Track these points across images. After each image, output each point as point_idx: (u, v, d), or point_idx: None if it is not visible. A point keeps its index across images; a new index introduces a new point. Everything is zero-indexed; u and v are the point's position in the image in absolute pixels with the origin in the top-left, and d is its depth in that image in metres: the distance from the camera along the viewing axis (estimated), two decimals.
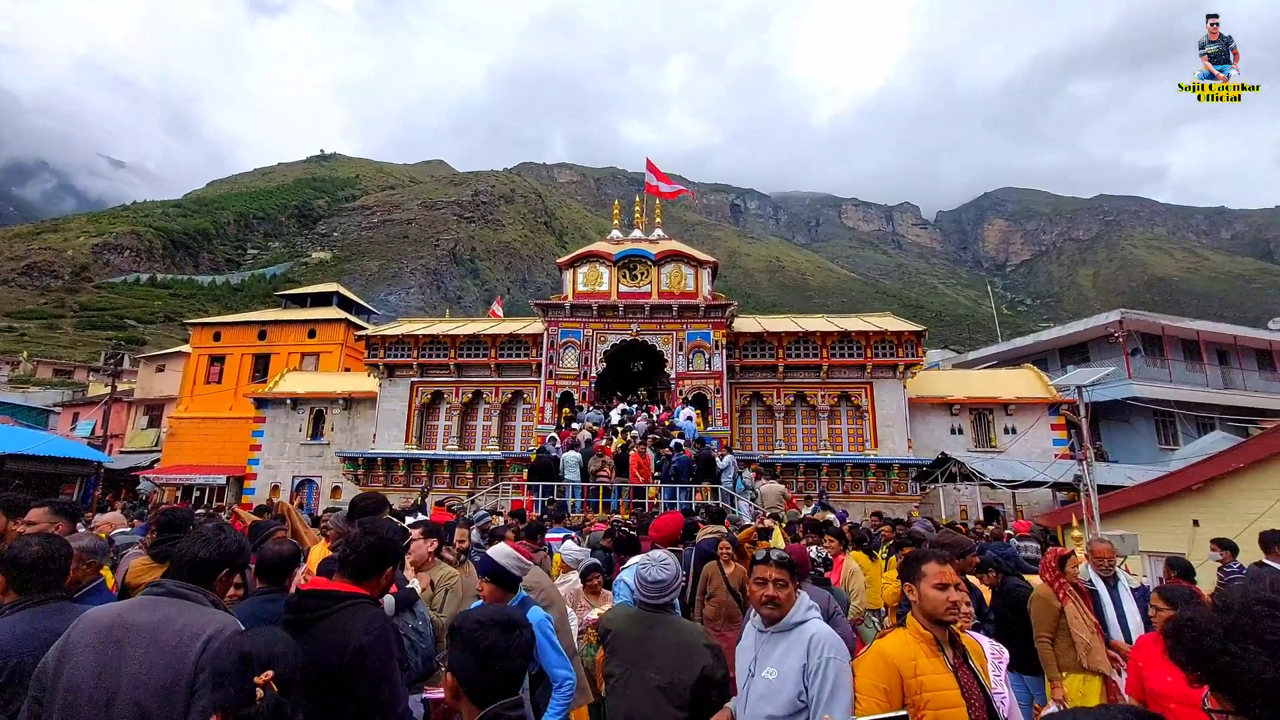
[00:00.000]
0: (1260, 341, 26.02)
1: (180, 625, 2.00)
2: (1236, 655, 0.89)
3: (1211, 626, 0.96)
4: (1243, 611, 0.94)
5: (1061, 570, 4.11)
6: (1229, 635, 0.92)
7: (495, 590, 3.14)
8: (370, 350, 22.69)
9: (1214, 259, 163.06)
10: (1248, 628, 0.91)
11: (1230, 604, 0.98)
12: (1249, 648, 0.89)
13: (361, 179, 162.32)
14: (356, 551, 2.41)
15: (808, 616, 2.58)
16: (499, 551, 3.19)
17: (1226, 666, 0.90)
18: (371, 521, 2.78)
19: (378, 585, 2.46)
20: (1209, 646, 0.94)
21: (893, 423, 20.91)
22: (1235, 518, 10.59)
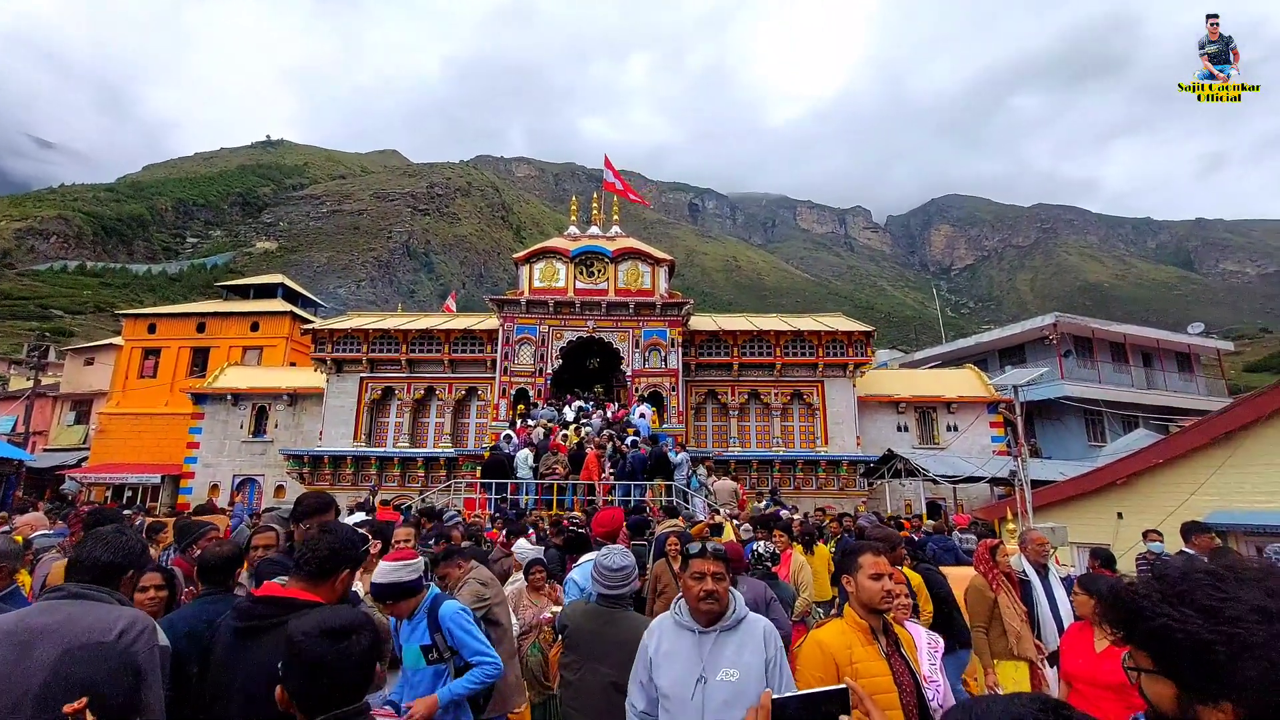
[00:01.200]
0: (1180, 345, 27.74)
1: (88, 623, 1.92)
2: (1174, 617, 0.94)
3: (1150, 591, 1.00)
4: (1182, 579, 0.99)
5: (994, 561, 4.32)
6: (1166, 599, 0.97)
7: (405, 605, 3.03)
8: (317, 345, 21.97)
9: (1140, 267, 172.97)
10: (1186, 594, 0.96)
11: (1169, 574, 1.02)
12: (1185, 611, 0.94)
13: (310, 167, 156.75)
14: (315, 552, 2.31)
15: (746, 610, 2.51)
16: (383, 571, 3.03)
17: (1161, 628, 0.95)
18: (331, 522, 2.70)
19: (333, 590, 2.34)
20: (1146, 608, 0.98)
21: (843, 420, 21.47)
22: (1155, 510, 11.29)
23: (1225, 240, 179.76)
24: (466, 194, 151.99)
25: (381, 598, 3.04)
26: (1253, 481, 10.69)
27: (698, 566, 2.44)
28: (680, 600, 2.51)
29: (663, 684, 2.33)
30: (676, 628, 2.44)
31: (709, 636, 2.38)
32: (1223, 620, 0.90)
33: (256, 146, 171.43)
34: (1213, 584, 0.95)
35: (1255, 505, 10.49)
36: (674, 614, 2.48)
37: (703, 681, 2.29)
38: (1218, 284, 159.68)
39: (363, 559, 2.71)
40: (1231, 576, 0.96)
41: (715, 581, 2.41)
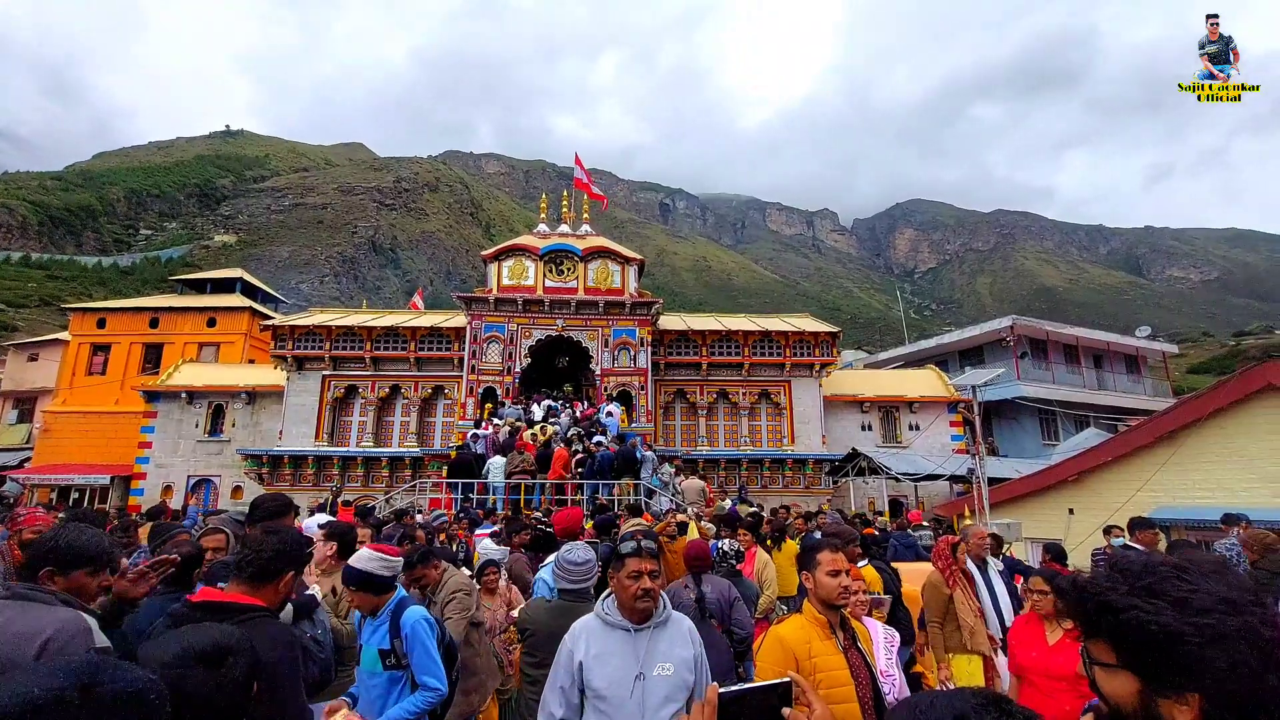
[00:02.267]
0: (1129, 348, 28.89)
1: (17, 629, 1.86)
2: (1145, 609, 0.93)
3: (1115, 584, 0.99)
4: (1146, 573, 0.97)
5: (953, 557, 4.46)
6: (1134, 592, 0.96)
7: (370, 599, 2.98)
8: (278, 341, 21.39)
9: (1093, 272, 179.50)
10: (1154, 586, 0.95)
11: (1130, 567, 1.00)
12: (1156, 602, 0.93)
13: (272, 159, 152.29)
14: (258, 554, 2.24)
15: (671, 608, 2.54)
16: (362, 557, 2.99)
17: (1133, 619, 0.93)
18: (273, 523, 2.64)
19: (276, 593, 2.27)
20: (1115, 600, 0.97)
21: (809, 420, 21.81)
22: (1103, 506, 11.75)
23: (1171, 247, 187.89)
24: (435, 189, 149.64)
25: (350, 582, 3.03)
26: (1194, 478, 11.21)
27: (634, 566, 2.42)
28: (608, 599, 2.49)
29: (598, 685, 2.30)
30: (606, 628, 2.42)
31: (644, 634, 2.39)
32: (1193, 611, 0.90)
33: (215, 136, 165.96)
34: (1177, 575, 0.95)
35: (1196, 501, 10.99)
36: (601, 614, 2.45)
37: (641, 678, 2.30)
38: (1164, 289, 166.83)
39: (307, 560, 2.65)
40: (1193, 569, 0.96)
41: (652, 580, 2.41)
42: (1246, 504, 10.36)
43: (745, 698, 1.16)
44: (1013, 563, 7.53)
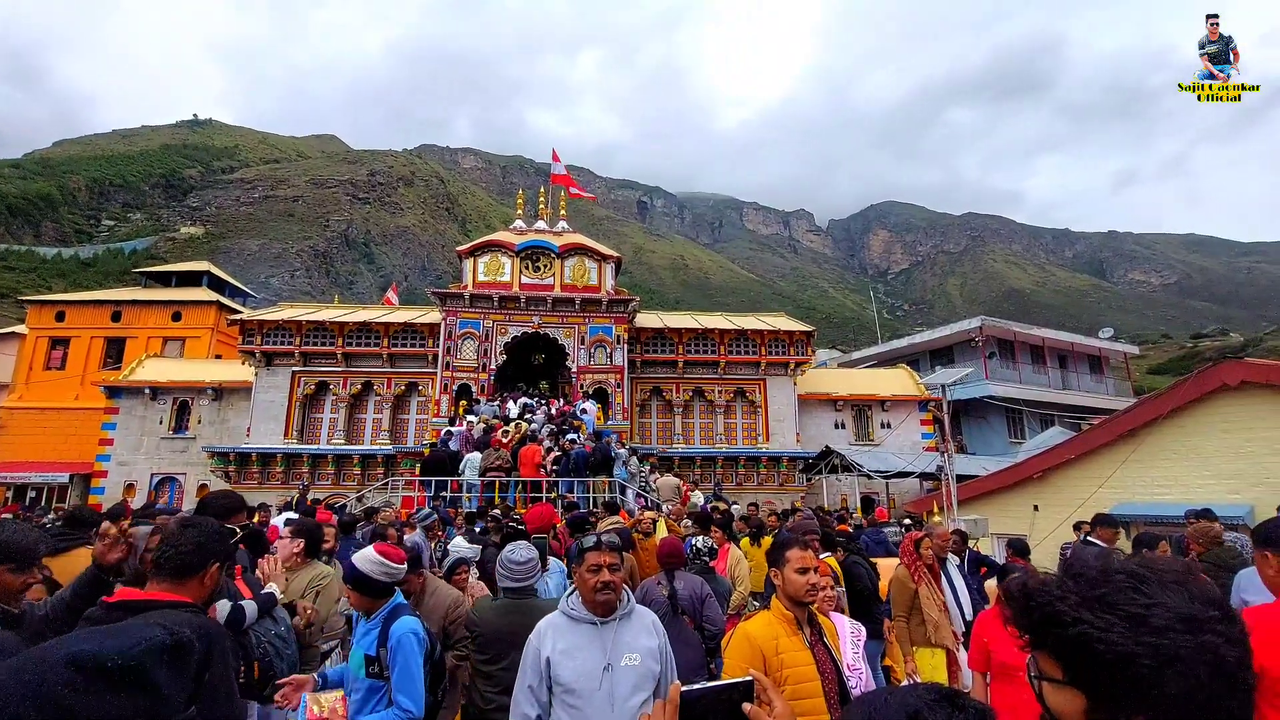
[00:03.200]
0: (1092, 349, 29.71)
1: None
2: (1095, 625, 0.84)
3: (1066, 594, 0.90)
4: (1101, 580, 0.89)
5: (918, 553, 4.55)
6: (1085, 604, 0.87)
7: (367, 600, 2.95)
8: (246, 336, 20.91)
9: (1059, 275, 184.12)
10: (1107, 597, 0.87)
11: (1086, 572, 0.92)
12: (1107, 618, 0.84)
13: (241, 149, 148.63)
14: (176, 547, 2.12)
15: (634, 601, 2.60)
16: (363, 558, 2.98)
17: (1080, 636, 0.85)
18: (194, 516, 2.56)
19: (201, 587, 2.16)
20: (1064, 612, 0.88)
21: (783, 418, 22.02)
22: (1067, 503, 12.08)
23: (1134, 252, 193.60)
24: (410, 183, 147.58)
25: (347, 580, 3.01)
26: (1153, 475, 11.58)
27: (593, 559, 2.48)
28: (572, 595, 2.53)
29: (567, 679, 2.33)
30: (571, 623, 2.47)
31: (609, 626, 2.45)
32: (1148, 630, 0.82)
33: (182, 125, 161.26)
34: (1134, 587, 0.87)
35: (1155, 497, 11.36)
36: (565, 610, 2.50)
37: (609, 670, 2.35)
38: (1126, 292, 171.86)
39: (233, 552, 2.58)
40: (1153, 578, 0.88)
41: (611, 572, 2.46)
42: (1202, 499, 10.74)
43: (708, 696, 1.17)
44: (978, 557, 7.70)
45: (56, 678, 1.04)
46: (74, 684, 1.04)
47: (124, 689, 1.09)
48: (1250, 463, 10.36)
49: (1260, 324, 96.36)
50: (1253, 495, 10.12)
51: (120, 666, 1.09)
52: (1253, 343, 56.60)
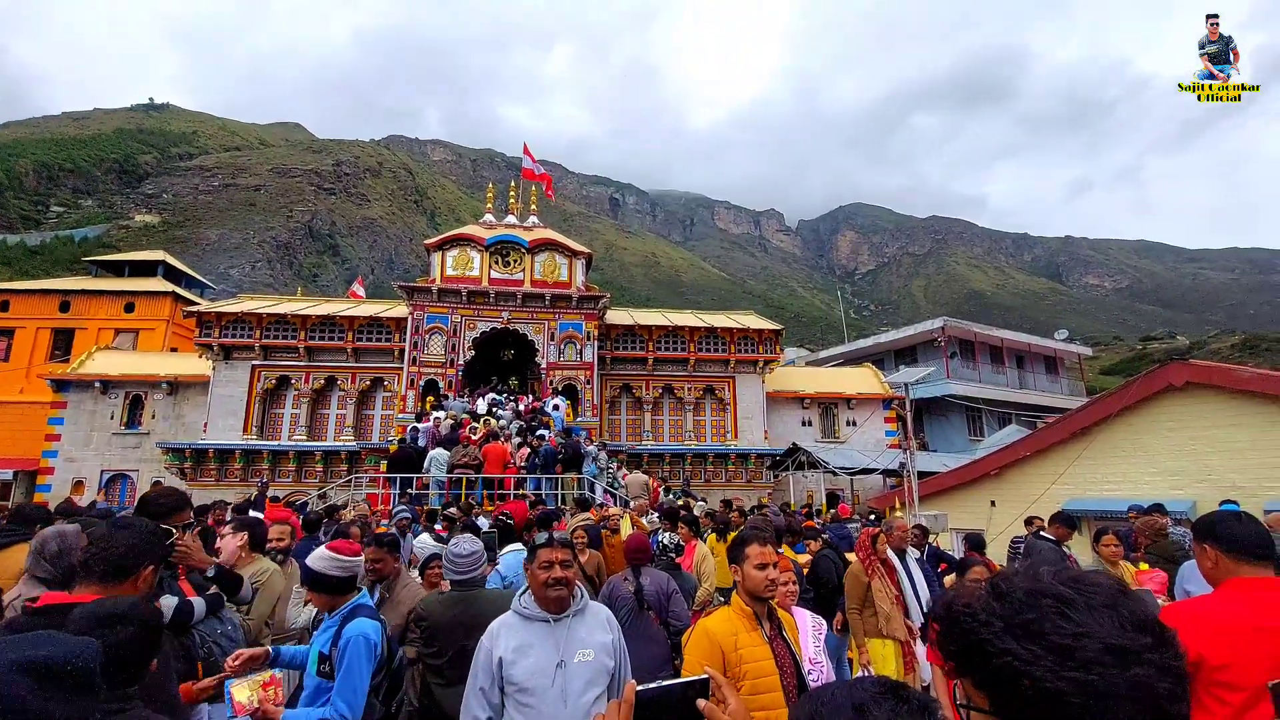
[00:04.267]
0: (1048, 350, 30.71)
1: None
2: (1020, 657, 0.79)
3: (991, 619, 0.84)
4: (1028, 605, 0.83)
5: (873, 548, 4.68)
6: (1010, 632, 0.82)
7: (326, 598, 2.89)
8: (203, 328, 20.26)
9: (1017, 278, 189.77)
10: (1033, 625, 0.81)
11: (1011, 593, 0.86)
12: (1033, 649, 0.79)
13: (200, 135, 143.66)
14: (107, 549, 2.04)
15: (588, 597, 2.62)
16: (317, 556, 2.92)
17: (1005, 668, 0.80)
18: (127, 517, 2.49)
19: (134, 589, 2.08)
20: (989, 641, 0.83)
21: (752, 415, 22.25)
22: (1022, 498, 12.45)
23: (1088, 257, 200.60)
24: (377, 175, 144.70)
25: (304, 582, 2.96)
26: (1103, 472, 12.02)
27: (545, 556, 2.49)
28: (524, 594, 2.54)
29: (519, 678, 2.33)
30: (524, 621, 2.47)
31: (563, 623, 2.46)
32: (1076, 663, 0.77)
33: (138, 109, 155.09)
34: (1061, 613, 0.81)
35: (1105, 493, 11.79)
36: (518, 609, 2.50)
37: (562, 666, 2.36)
38: (1081, 295, 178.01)
39: (168, 553, 2.51)
40: (1081, 601, 0.82)
41: (563, 569, 2.48)
42: (1149, 495, 11.15)
43: (663, 695, 1.17)
44: (937, 552, 7.92)
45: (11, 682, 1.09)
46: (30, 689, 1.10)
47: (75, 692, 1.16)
48: (1193, 460, 10.83)
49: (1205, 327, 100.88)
50: (1195, 491, 10.59)
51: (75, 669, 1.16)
52: (1197, 345, 59.19)
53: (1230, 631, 2.06)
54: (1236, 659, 2.02)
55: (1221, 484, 10.15)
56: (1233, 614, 2.10)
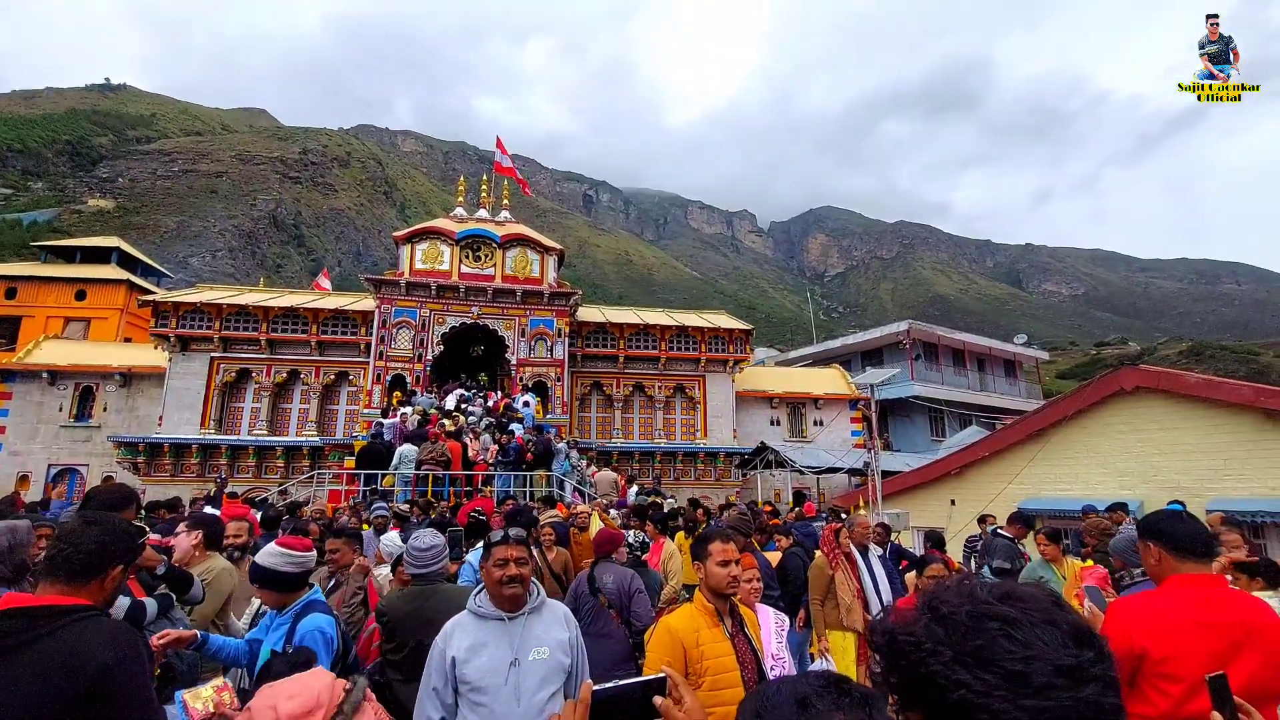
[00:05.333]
0: (1008, 353, 31.60)
1: None
2: (974, 689, 0.75)
3: (938, 648, 0.79)
4: (974, 630, 0.79)
5: (836, 543, 4.79)
6: (960, 661, 0.77)
7: (277, 596, 2.85)
8: (159, 319, 19.57)
9: (980, 283, 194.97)
10: (983, 651, 0.77)
11: (954, 616, 0.82)
12: (987, 679, 0.75)
13: (159, 118, 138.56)
14: (76, 547, 1.95)
15: (544, 595, 2.61)
16: (267, 553, 2.87)
17: (961, 701, 0.75)
18: (96, 512, 2.39)
19: (101, 590, 2.00)
20: (939, 674, 0.78)
21: (721, 414, 22.42)
22: (980, 497, 12.81)
23: (1048, 264, 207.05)
24: (345, 164, 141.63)
25: (255, 580, 2.88)
26: (1057, 472, 12.43)
27: (500, 554, 2.48)
28: (480, 593, 2.52)
29: (472, 676, 2.31)
30: (479, 620, 2.45)
31: (518, 621, 2.45)
32: (1030, 690, 0.74)
33: (93, 89, 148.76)
34: (1007, 635, 0.78)
35: (1058, 493, 12.18)
36: (473, 608, 2.48)
37: (516, 664, 2.35)
38: (1039, 301, 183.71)
39: (139, 553, 2.43)
40: (1025, 620, 0.79)
41: (518, 566, 2.47)
42: (1100, 495, 11.60)
43: (620, 694, 1.17)
44: (899, 550, 8.10)
45: None
46: None
47: None
48: (1140, 461, 11.27)
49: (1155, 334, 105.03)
50: (1143, 491, 11.02)
51: None
52: (1147, 352, 61.56)
53: (1171, 626, 2.15)
54: (1177, 652, 2.10)
55: (1167, 484, 10.58)
56: (1174, 609, 2.19)
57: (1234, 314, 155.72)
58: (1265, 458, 9.92)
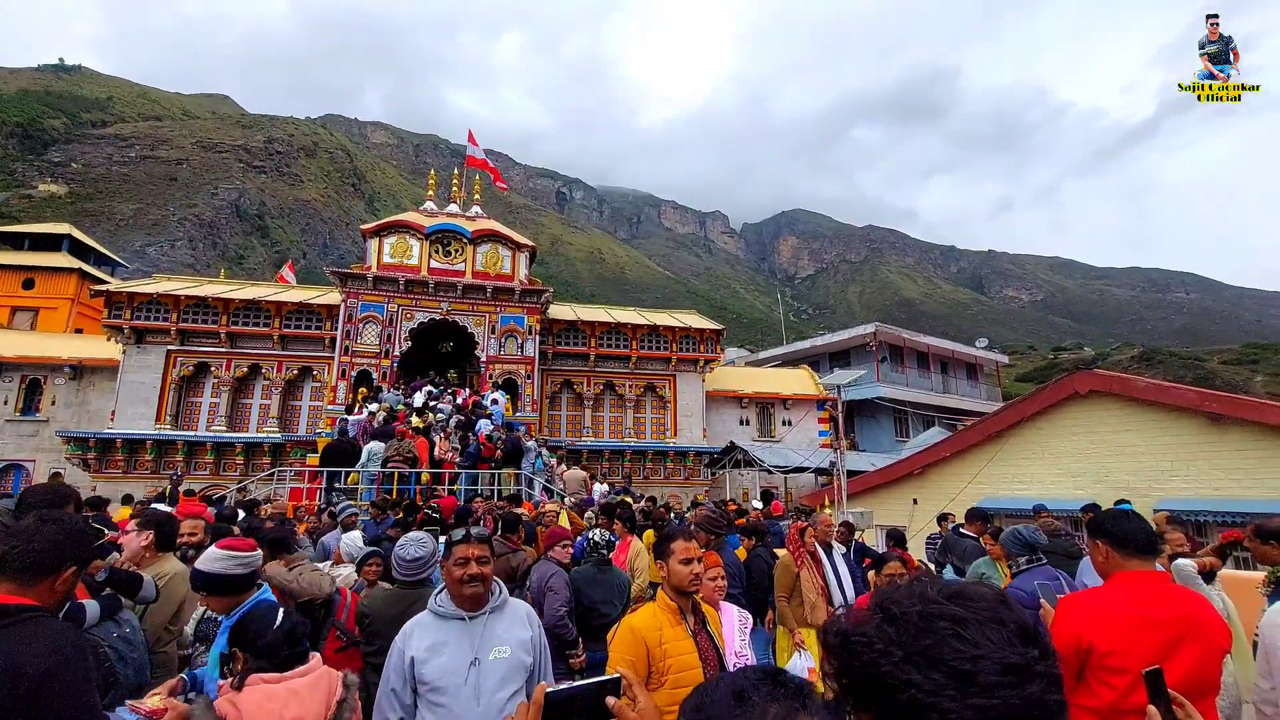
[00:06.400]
0: (970, 356, 32.41)
1: None
2: (924, 688, 0.75)
3: (889, 648, 0.80)
4: (924, 630, 0.80)
5: (802, 541, 4.88)
6: (910, 661, 0.78)
7: (225, 600, 2.75)
8: (113, 309, 18.84)
9: (944, 288, 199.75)
10: (932, 651, 0.77)
11: (905, 616, 0.82)
12: (936, 678, 0.75)
13: (116, 102, 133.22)
14: (29, 544, 1.89)
15: (507, 593, 2.61)
16: (209, 558, 2.77)
17: (911, 701, 0.75)
18: (52, 510, 2.29)
19: (52, 591, 1.93)
20: (889, 674, 0.78)
21: (691, 413, 22.53)
22: (942, 496, 13.12)
23: (1009, 270, 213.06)
24: (312, 154, 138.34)
25: (200, 587, 2.76)
26: (1014, 472, 12.80)
27: (461, 552, 2.47)
28: (441, 593, 2.51)
29: (431, 677, 2.29)
30: (439, 620, 2.43)
31: (479, 620, 2.43)
32: (978, 689, 0.75)
33: (46, 70, 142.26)
34: (956, 634, 0.79)
35: (1015, 492, 12.55)
36: (434, 607, 2.46)
37: (476, 664, 2.33)
38: (1000, 306, 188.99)
39: (94, 556, 2.34)
40: (973, 619, 0.80)
41: (480, 565, 2.45)
42: (1055, 494, 12.01)
43: (575, 696, 1.16)
44: (862, 548, 8.24)
45: None
46: None
47: None
48: (1093, 462, 11.68)
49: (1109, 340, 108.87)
50: (1094, 491, 11.40)
51: None
52: (1101, 357, 63.80)
53: (1117, 621, 2.23)
54: (1122, 646, 2.18)
55: (1118, 484, 10.98)
56: (1119, 605, 2.27)
57: (1182, 321, 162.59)
58: (1209, 460, 10.36)
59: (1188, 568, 4.22)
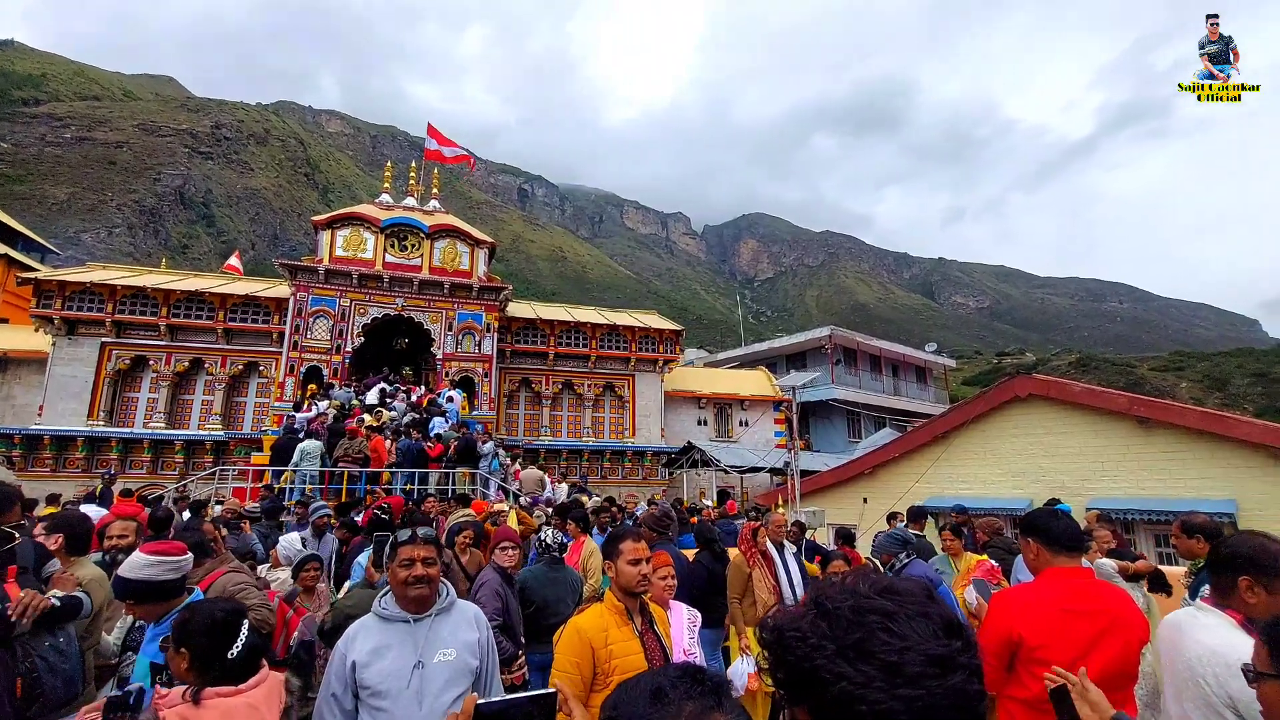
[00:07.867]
0: (920, 360, 33.45)
1: None
2: (854, 680, 0.77)
3: (822, 642, 0.82)
4: (855, 624, 0.82)
5: (754, 541, 4.95)
6: (843, 654, 0.80)
7: (154, 608, 2.62)
8: (42, 298, 17.80)
9: (897, 293, 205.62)
10: (863, 644, 0.80)
11: (838, 611, 0.84)
12: (865, 670, 0.78)
13: (50, 80, 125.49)
14: None
15: (455, 595, 2.56)
16: (135, 564, 2.63)
17: (841, 694, 0.78)
18: None
19: None
20: (822, 668, 0.80)
21: (650, 413, 22.61)
22: (890, 495, 13.50)
23: (958, 278, 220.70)
24: (263, 142, 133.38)
25: (126, 596, 2.60)
26: (958, 472, 13.27)
27: (406, 553, 2.41)
28: (385, 594, 2.46)
29: (373, 681, 2.23)
30: (383, 623, 2.37)
31: (424, 623, 2.38)
32: (904, 680, 0.77)
33: None
34: (885, 628, 0.81)
35: (959, 491, 12.99)
36: (378, 610, 2.41)
37: (420, 667, 2.28)
38: (949, 312, 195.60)
39: (9, 560, 2.21)
40: (901, 612, 0.83)
41: (425, 566, 2.40)
42: (996, 494, 12.51)
43: (508, 709, 1.14)
44: (814, 546, 8.42)
45: None
46: None
47: None
48: (1030, 463, 12.20)
49: (1049, 346, 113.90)
50: (1032, 490, 11.93)
51: None
52: (1042, 362, 66.61)
53: (1045, 615, 2.34)
54: (1049, 639, 2.29)
55: (1054, 484, 11.50)
56: (1048, 599, 2.38)
57: (1117, 329, 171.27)
58: (1137, 461, 10.94)
59: (1108, 566, 4.48)
